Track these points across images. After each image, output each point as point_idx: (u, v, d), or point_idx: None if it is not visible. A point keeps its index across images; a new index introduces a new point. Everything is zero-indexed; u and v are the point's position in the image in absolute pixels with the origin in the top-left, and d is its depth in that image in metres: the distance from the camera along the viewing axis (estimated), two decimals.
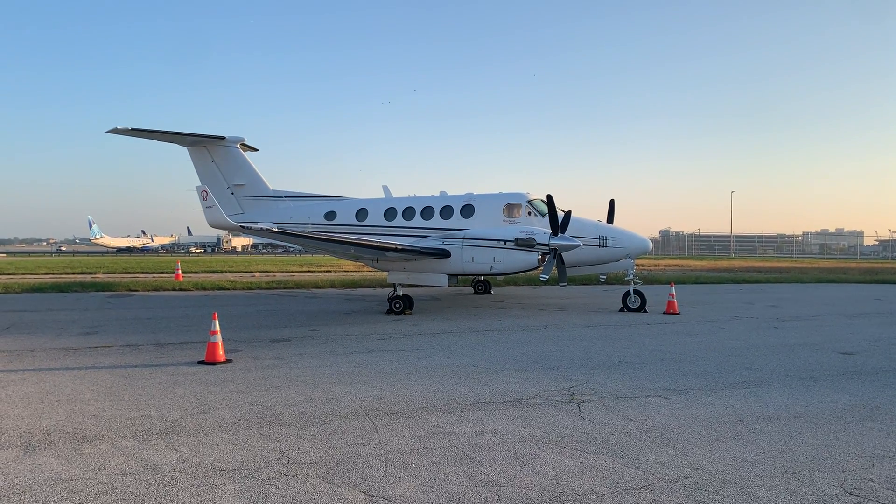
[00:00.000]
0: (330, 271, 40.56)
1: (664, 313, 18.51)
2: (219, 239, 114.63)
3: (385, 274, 19.86)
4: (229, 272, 39.29)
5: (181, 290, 27.46)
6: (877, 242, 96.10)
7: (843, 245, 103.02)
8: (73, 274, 37.05)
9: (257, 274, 37.53)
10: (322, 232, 21.79)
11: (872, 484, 5.50)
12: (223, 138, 24.85)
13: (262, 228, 17.58)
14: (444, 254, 17.61)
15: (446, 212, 21.39)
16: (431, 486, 5.42)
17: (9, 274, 36.99)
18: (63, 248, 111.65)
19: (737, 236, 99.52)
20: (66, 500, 5.13)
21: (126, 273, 38.19)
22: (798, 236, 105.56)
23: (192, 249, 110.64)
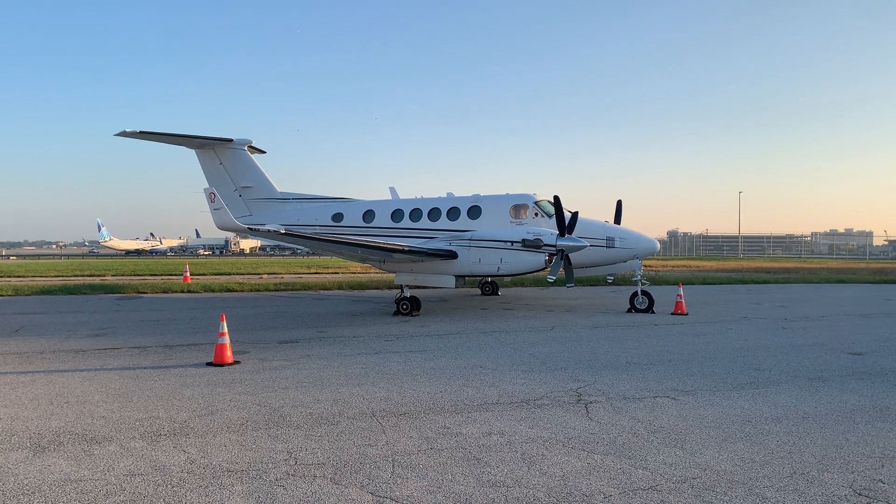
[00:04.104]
0: (337, 273, 40.63)
1: (672, 314, 18.45)
2: (227, 241, 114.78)
3: (392, 275, 19.87)
4: (237, 274, 39.40)
5: (189, 292, 27.56)
6: (886, 242, 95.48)
7: (853, 245, 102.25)
8: (83, 276, 37.26)
9: (265, 276, 37.62)
10: (329, 234, 21.84)
11: (882, 484, 5.47)
12: (231, 141, 24.95)
13: (269, 230, 17.60)
14: (452, 255, 17.61)
15: (453, 213, 21.39)
16: (439, 487, 5.42)
17: (19, 276, 37.22)
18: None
19: (745, 237, 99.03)
20: (75, 500, 5.16)
21: (135, 275, 38.36)
22: (807, 237, 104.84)
23: (201, 252, 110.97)
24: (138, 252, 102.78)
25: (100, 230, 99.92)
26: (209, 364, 10.88)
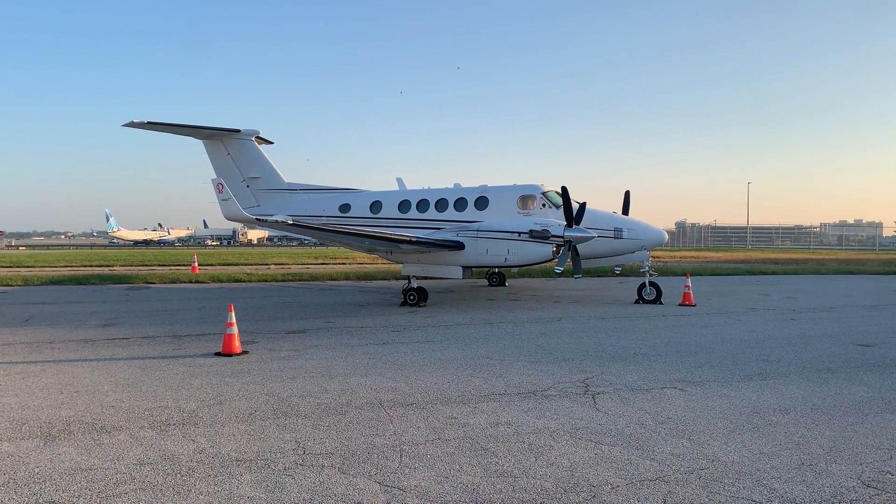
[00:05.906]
0: (345, 263, 40.69)
1: (680, 305, 18.41)
2: (234, 231, 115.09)
3: (399, 266, 19.90)
4: (245, 264, 39.53)
5: (198, 282, 27.67)
6: (895, 233, 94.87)
7: (862, 236, 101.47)
8: (91, 266, 37.45)
9: (273, 266, 37.72)
10: (337, 224, 21.84)
11: (890, 476, 5.45)
12: (238, 131, 24.97)
13: (277, 221, 17.64)
14: (459, 246, 17.61)
15: (460, 204, 21.38)
16: (446, 477, 5.44)
17: (28, 266, 37.43)
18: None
19: (753, 228, 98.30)
20: (85, 489, 5.20)
21: (143, 265, 38.52)
22: (815, 227, 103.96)
23: (209, 242, 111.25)
24: (146, 242, 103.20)
25: (108, 220, 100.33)
26: (217, 354, 10.93)
